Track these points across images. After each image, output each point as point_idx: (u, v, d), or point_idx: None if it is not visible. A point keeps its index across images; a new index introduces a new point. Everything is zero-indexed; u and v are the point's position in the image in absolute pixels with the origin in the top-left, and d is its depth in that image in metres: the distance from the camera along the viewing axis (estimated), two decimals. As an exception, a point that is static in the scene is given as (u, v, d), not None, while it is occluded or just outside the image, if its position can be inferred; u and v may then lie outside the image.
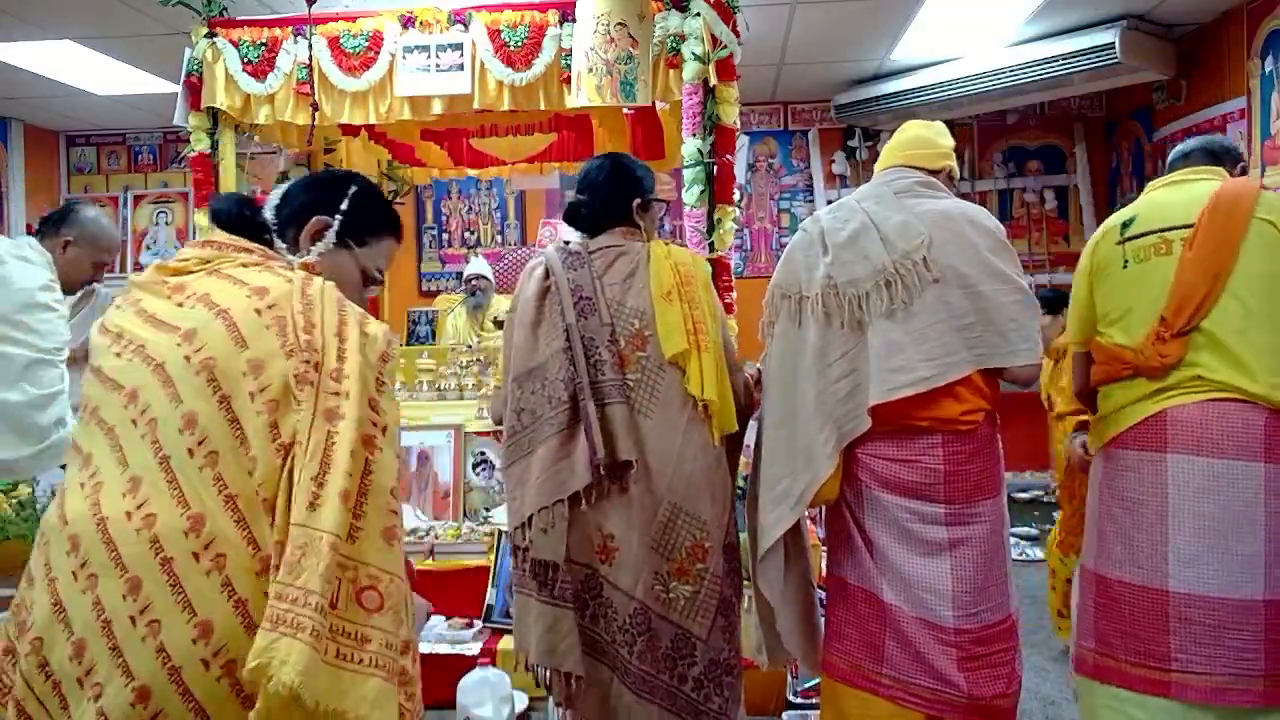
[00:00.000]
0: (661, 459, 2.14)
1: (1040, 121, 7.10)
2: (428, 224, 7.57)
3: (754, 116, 7.25)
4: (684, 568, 2.13)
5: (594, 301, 2.20)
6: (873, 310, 2.10)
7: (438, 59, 4.01)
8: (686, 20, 3.69)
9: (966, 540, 2.09)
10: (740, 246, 7.19)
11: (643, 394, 2.16)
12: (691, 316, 2.18)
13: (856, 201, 2.25)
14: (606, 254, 2.28)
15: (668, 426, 2.15)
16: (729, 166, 3.74)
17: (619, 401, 2.14)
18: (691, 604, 2.13)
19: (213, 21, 4.22)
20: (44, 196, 7.58)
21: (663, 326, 2.17)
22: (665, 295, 2.19)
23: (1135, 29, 5.40)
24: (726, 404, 2.21)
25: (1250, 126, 5.07)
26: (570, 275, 2.22)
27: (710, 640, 2.15)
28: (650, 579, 2.13)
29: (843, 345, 2.13)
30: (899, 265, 2.09)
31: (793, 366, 2.20)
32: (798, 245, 2.27)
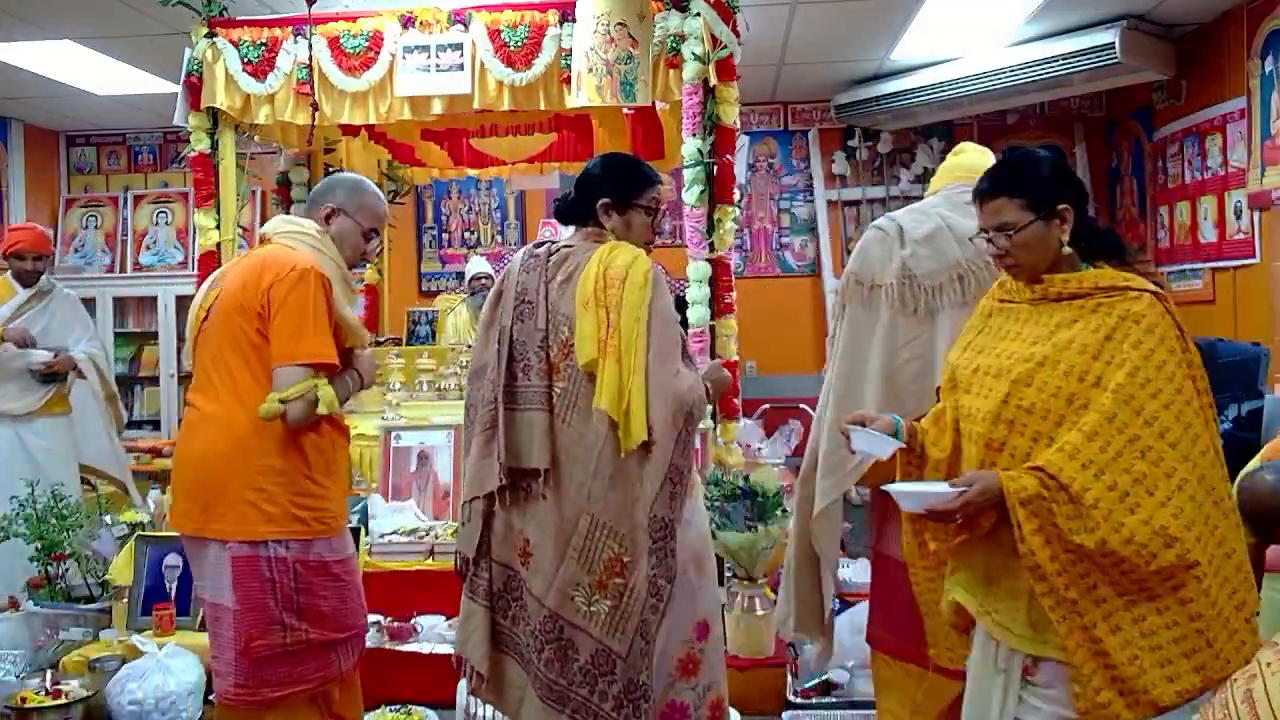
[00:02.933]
0: (581, 469, 2.10)
1: (1040, 121, 7.10)
2: (428, 224, 7.57)
3: (754, 116, 7.25)
4: (603, 581, 2.08)
5: (534, 305, 2.20)
6: (945, 301, 2.27)
7: (438, 59, 4.01)
8: (686, 20, 3.69)
9: None
10: (740, 246, 7.19)
11: (567, 402, 2.14)
12: (607, 321, 2.10)
13: (930, 207, 2.44)
14: (561, 254, 2.26)
15: (589, 436, 2.10)
16: (729, 166, 3.74)
17: (538, 409, 2.14)
18: (611, 619, 2.08)
19: (213, 21, 4.23)
20: (44, 196, 7.58)
21: (578, 335, 2.12)
22: (584, 303, 2.13)
23: (1135, 29, 5.40)
24: (632, 414, 2.06)
25: (1250, 126, 5.07)
26: (522, 278, 2.25)
27: (629, 659, 2.08)
28: (570, 589, 2.11)
29: (914, 330, 2.28)
30: (971, 263, 2.27)
31: (863, 347, 2.31)
32: (873, 240, 2.41)
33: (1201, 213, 5.62)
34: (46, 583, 3.68)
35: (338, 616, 2.36)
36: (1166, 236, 6.07)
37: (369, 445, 4.37)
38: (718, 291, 3.75)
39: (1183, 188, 5.84)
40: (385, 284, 5.92)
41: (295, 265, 2.31)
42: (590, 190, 2.30)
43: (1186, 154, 5.79)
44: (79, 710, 2.98)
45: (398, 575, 3.58)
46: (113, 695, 2.98)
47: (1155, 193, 6.23)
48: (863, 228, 7.35)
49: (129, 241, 7.53)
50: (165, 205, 7.61)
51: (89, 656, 3.23)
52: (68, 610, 3.57)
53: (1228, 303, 5.42)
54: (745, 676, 3.07)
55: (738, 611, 3.15)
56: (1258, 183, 5.00)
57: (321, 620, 2.32)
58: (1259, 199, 4.99)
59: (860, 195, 7.28)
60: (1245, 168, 5.12)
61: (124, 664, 3.11)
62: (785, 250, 7.38)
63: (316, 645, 2.32)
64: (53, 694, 2.97)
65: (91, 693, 3.02)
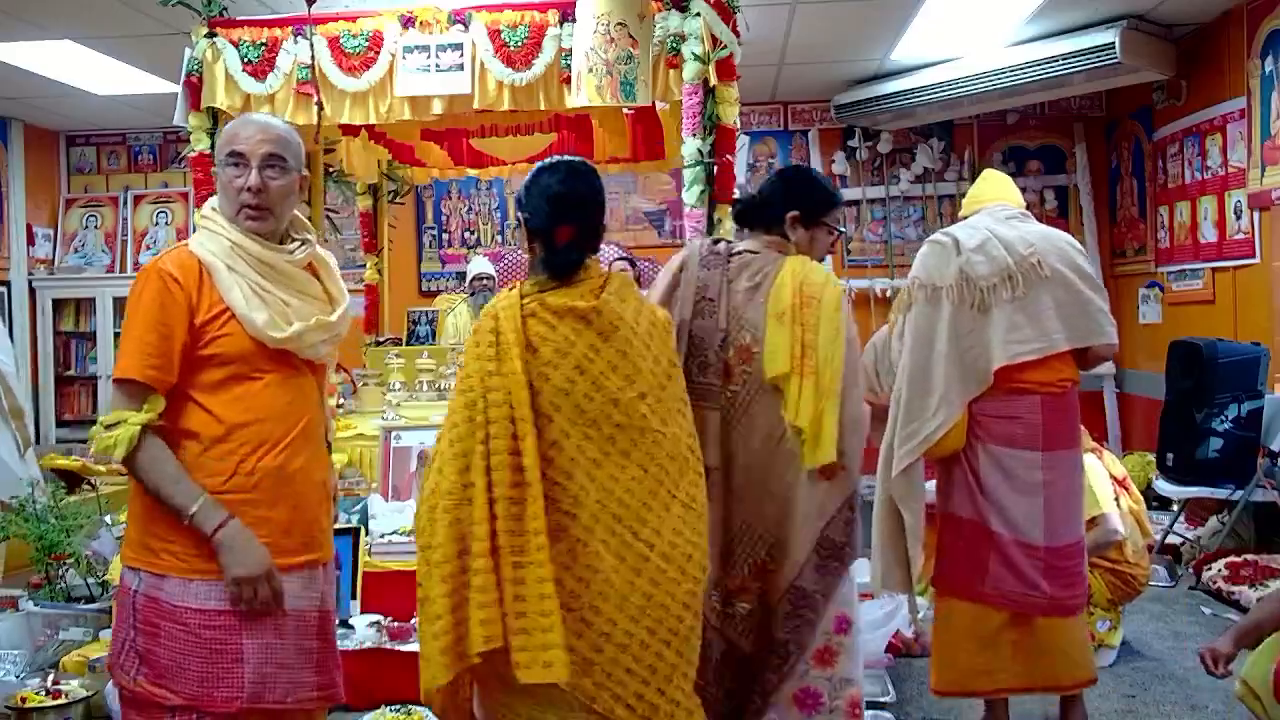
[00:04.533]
0: (742, 473, 2.13)
1: (1040, 121, 7.10)
2: (428, 224, 7.57)
3: (754, 116, 7.25)
4: (745, 585, 2.12)
5: (715, 304, 2.20)
6: (998, 298, 2.72)
7: (438, 59, 4.00)
8: (686, 20, 3.69)
9: (1054, 481, 2.71)
10: (740, 246, 7.19)
11: (739, 408, 2.16)
12: (802, 340, 2.12)
13: (977, 223, 2.89)
14: (743, 258, 2.27)
15: (754, 443, 2.13)
16: (729, 166, 3.73)
17: (713, 408, 2.16)
18: (746, 623, 2.12)
19: (213, 21, 4.22)
20: (44, 196, 7.58)
21: (769, 346, 2.14)
22: (779, 315, 2.15)
23: (1135, 29, 5.40)
24: (823, 433, 2.09)
25: (1250, 126, 5.07)
26: (701, 274, 2.24)
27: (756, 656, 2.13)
28: (711, 588, 2.10)
29: (972, 323, 2.73)
30: (1019, 265, 2.72)
31: (931, 337, 2.75)
32: (932, 251, 2.86)
33: (1201, 213, 5.62)
34: (46, 583, 3.68)
35: (180, 677, 1.90)
36: (1166, 236, 6.07)
37: (369, 445, 4.37)
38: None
39: (1183, 188, 5.84)
40: (385, 284, 5.92)
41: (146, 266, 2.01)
42: (782, 199, 2.30)
43: (1186, 154, 5.79)
44: (79, 710, 2.98)
45: (398, 575, 3.58)
46: (112, 695, 2.98)
47: (1155, 193, 6.23)
48: (862, 228, 7.39)
49: (129, 241, 7.54)
50: (165, 205, 7.61)
51: (89, 656, 3.23)
52: (68, 610, 3.57)
53: (1228, 303, 5.42)
54: (745, 676, 3.08)
55: (738, 611, 3.16)
56: (1258, 183, 5.00)
57: (159, 674, 1.91)
58: (1259, 199, 4.99)
59: (860, 195, 7.28)
60: (1245, 168, 5.12)
61: (124, 664, 3.10)
62: (785, 250, 7.38)
63: (148, 703, 1.92)
64: (53, 694, 2.97)
65: (91, 693, 3.02)
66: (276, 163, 2.03)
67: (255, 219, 2.01)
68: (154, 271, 1.96)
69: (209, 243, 2.01)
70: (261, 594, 1.91)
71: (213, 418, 1.96)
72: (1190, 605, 4.41)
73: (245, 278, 1.98)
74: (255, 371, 1.99)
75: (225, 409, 1.96)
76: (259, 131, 2.04)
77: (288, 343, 1.99)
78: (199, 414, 1.96)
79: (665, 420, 1.89)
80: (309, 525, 2.06)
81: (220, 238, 2.01)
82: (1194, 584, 4.60)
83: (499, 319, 1.86)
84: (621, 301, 1.91)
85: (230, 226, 2.02)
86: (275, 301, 2.00)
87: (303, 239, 2.12)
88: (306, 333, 2.01)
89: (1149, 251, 6.31)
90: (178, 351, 1.93)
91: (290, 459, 2.01)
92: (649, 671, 1.78)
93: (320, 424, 2.15)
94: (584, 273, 1.93)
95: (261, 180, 2.00)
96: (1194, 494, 4.76)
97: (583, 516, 1.80)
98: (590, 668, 1.77)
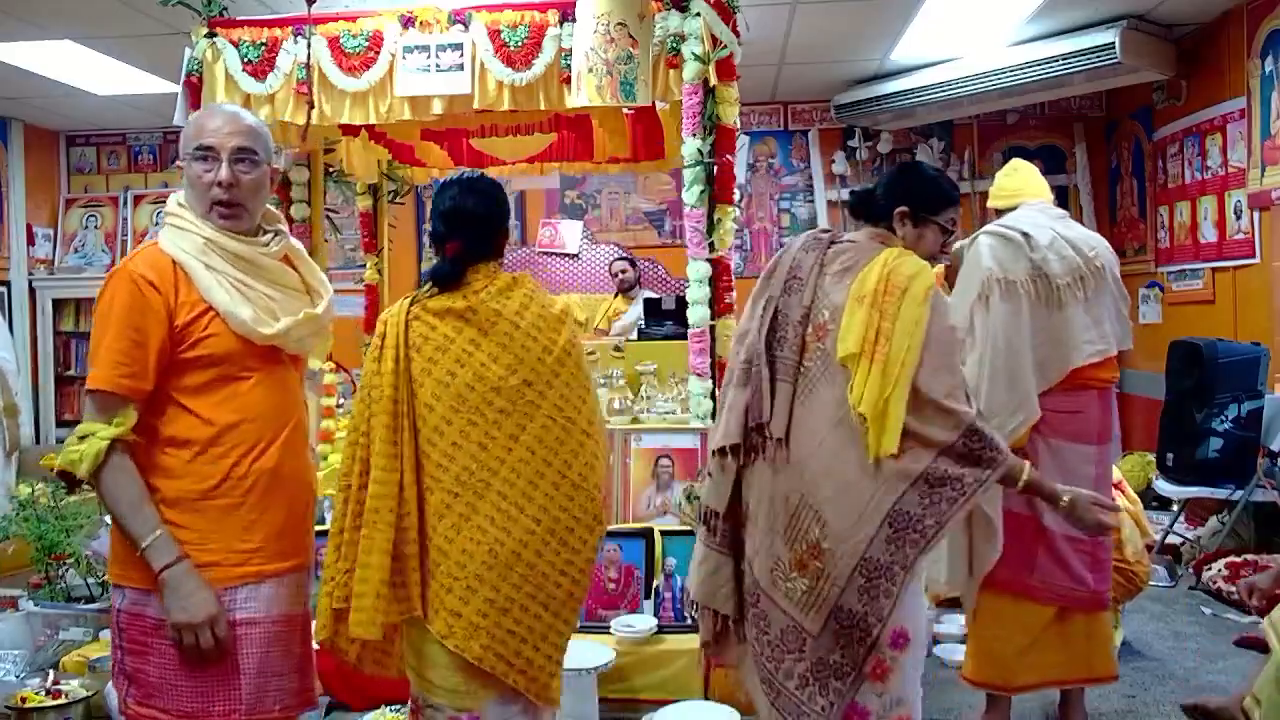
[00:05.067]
0: (803, 448, 2.12)
1: (1040, 121, 7.10)
2: (428, 224, 7.56)
3: (754, 116, 7.25)
4: (803, 561, 2.09)
5: (803, 283, 2.22)
6: (1072, 296, 2.87)
7: (438, 59, 4.00)
8: (686, 20, 3.69)
9: (1101, 475, 2.93)
10: (740, 246, 7.19)
11: (808, 382, 2.17)
12: (878, 326, 2.09)
13: (1040, 220, 3.00)
14: (843, 246, 2.27)
15: (819, 421, 2.12)
16: (729, 166, 3.73)
17: (786, 380, 2.18)
18: (806, 598, 2.09)
19: (213, 21, 4.22)
20: (44, 196, 7.58)
21: (844, 326, 2.12)
22: (860, 297, 2.13)
23: (1135, 29, 5.41)
24: (887, 424, 2.04)
25: (1250, 126, 5.07)
26: (799, 255, 2.29)
27: (820, 638, 2.08)
28: (771, 561, 2.13)
29: (1046, 320, 2.87)
30: (1087, 266, 2.91)
31: (1012, 334, 2.85)
32: (1001, 244, 2.95)
33: (1201, 213, 5.62)
34: (46, 583, 3.69)
35: (171, 694, 1.85)
36: (1166, 236, 6.07)
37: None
38: (718, 291, 3.75)
39: (1183, 188, 5.84)
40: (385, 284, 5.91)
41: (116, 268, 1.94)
42: (893, 194, 2.30)
43: (1186, 154, 5.79)
44: (79, 710, 2.98)
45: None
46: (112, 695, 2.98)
47: (1155, 193, 6.23)
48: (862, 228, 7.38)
49: (129, 241, 7.54)
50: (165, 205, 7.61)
51: (89, 656, 3.23)
52: (68, 610, 3.57)
53: (1228, 303, 5.42)
54: (745, 676, 3.08)
55: (738, 611, 3.16)
56: (1258, 183, 5.00)
57: (147, 694, 1.87)
58: (1259, 199, 4.99)
59: (860, 195, 7.28)
60: (1245, 168, 5.12)
61: (124, 664, 3.11)
62: (785, 250, 7.38)
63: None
64: (53, 694, 2.98)
65: (91, 693, 3.02)
66: (247, 156, 1.94)
67: (227, 216, 1.93)
68: (124, 275, 1.86)
69: (181, 240, 1.91)
70: (203, 641, 1.81)
71: (201, 421, 1.88)
72: (1190, 605, 4.41)
73: (225, 275, 1.90)
74: (243, 371, 1.91)
75: (214, 411, 1.89)
76: (228, 123, 1.95)
77: (276, 339, 1.92)
78: (186, 418, 1.88)
79: (559, 405, 2.08)
80: (300, 528, 2.02)
81: (192, 235, 1.91)
82: (1194, 584, 4.60)
83: (386, 324, 2.10)
84: (503, 299, 2.11)
85: (202, 223, 1.92)
86: (259, 297, 1.93)
87: (275, 230, 2.05)
88: (294, 327, 1.95)
89: (1149, 251, 6.31)
90: (154, 358, 1.84)
91: (284, 460, 1.95)
92: (528, 631, 2.01)
93: (303, 419, 2.08)
94: (471, 276, 2.12)
95: (233, 175, 1.92)
96: (1194, 494, 4.76)
97: (465, 494, 2.00)
98: (477, 631, 1.97)
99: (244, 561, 1.90)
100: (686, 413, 3.85)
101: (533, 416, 2.06)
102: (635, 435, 3.83)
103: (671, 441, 3.80)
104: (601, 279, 6.97)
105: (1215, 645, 3.91)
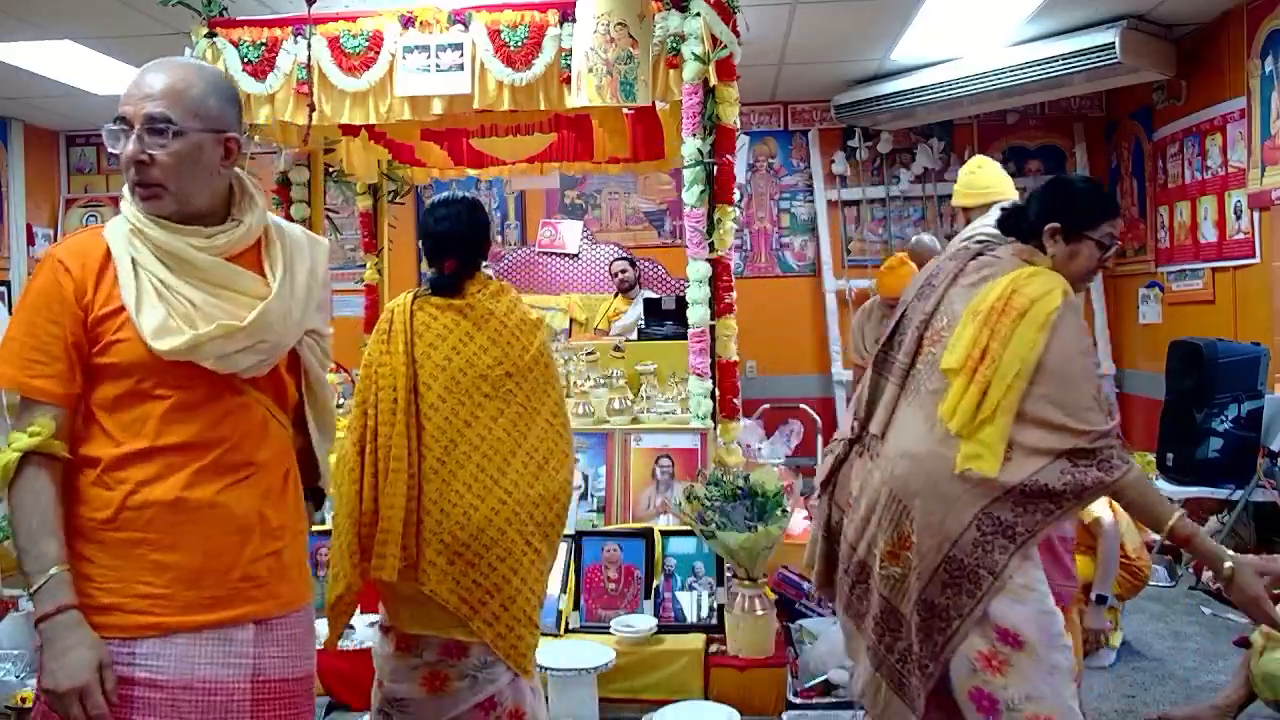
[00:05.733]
0: (896, 446, 2.17)
1: (1040, 121, 7.10)
2: (428, 224, 7.57)
3: (754, 116, 7.25)
4: (895, 551, 2.14)
5: (935, 289, 2.24)
6: None
7: (438, 59, 4.00)
8: (686, 20, 3.69)
9: None
10: (740, 246, 7.19)
11: (914, 385, 2.20)
12: (986, 345, 2.06)
13: None
14: (987, 260, 2.24)
15: (919, 422, 2.15)
16: (729, 166, 3.74)
17: (894, 381, 2.25)
18: (899, 585, 2.14)
19: (213, 21, 4.23)
20: (44, 196, 7.59)
21: (954, 338, 2.13)
22: (974, 311, 2.11)
23: (1135, 29, 5.41)
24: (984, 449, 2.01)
25: (1250, 126, 5.07)
26: (942, 261, 2.32)
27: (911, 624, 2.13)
28: (872, 546, 2.20)
29: None
30: None
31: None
32: None
33: (1201, 213, 5.62)
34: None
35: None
36: (1166, 236, 6.07)
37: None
38: (718, 291, 3.75)
39: (1183, 188, 5.84)
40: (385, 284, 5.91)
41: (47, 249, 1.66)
42: (1043, 209, 2.21)
43: (1186, 154, 5.79)
44: (79, 710, 2.98)
45: (398, 575, 3.59)
46: (113, 695, 2.99)
47: (1155, 193, 6.23)
48: (862, 227, 7.39)
49: (129, 241, 7.54)
50: (165, 205, 7.61)
51: (89, 656, 3.23)
52: (68, 610, 3.57)
53: (1228, 303, 5.42)
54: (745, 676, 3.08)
55: (738, 611, 3.15)
56: (1258, 183, 5.00)
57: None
58: (1259, 199, 4.99)
59: (860, 195, 7.28)
60: (1245, 168, 5.12)
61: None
62: (785, 250, 7.38)
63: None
64: (53, 694, 2.97)
65: (91, 693, 3.02)
66: (162, 124, 1.55)
67: (146, 199, 1.58)
68: (49, 256, 1.60)
69: (119, 224, 1.62)
70: (73, 714, 1.47)
71: (110, 440, 1.57)
72: (1190, 605, 4.41)
73: (147, 269, 1.57)
74: (157, 389, 1.57)
75: (122, 431, 1.57)
76: (142, 86, 1.58)
77: (178, 354, 1.54)
78: (99, 435, 1.58)
79: (530, 397, 2.37)
80: (229, 574, 1.60)
81: (125, 218, 1.61)
82: (1194, 584, 4.60)
83: (393, 313, 2.37)
84: (494, 301, 2.40)
85: (134, 206, 1.60)
86: (178, 301, 1.56)
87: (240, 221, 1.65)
88: (206, 342, 1.55)
89: (1149, 251, 6.31)
90: (71, 355, 1.55)
91: (192, 490, 1.58)
92: (494, 589, 2.24)
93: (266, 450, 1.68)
94: (467, 284, 2.41)
95: (140, 149, 1.55)
96: (1194, 494, 4.76)
97: (449, 462, 2.26)
98: (445, 578, 2.23)
99: (145, 609, 1.55)
100: (686, 413, 3.85)
101: (509, 403, 2.34)
102: (635, 435, 3.83)
103: (671, 441, 3.80)
104: (601, 279, 6.97)
105: (1215, 645, 3.91)
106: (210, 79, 1.64)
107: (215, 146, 1.61)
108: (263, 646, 1.63)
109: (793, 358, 7.28)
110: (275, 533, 1.67)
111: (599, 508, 3.73)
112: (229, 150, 1.64)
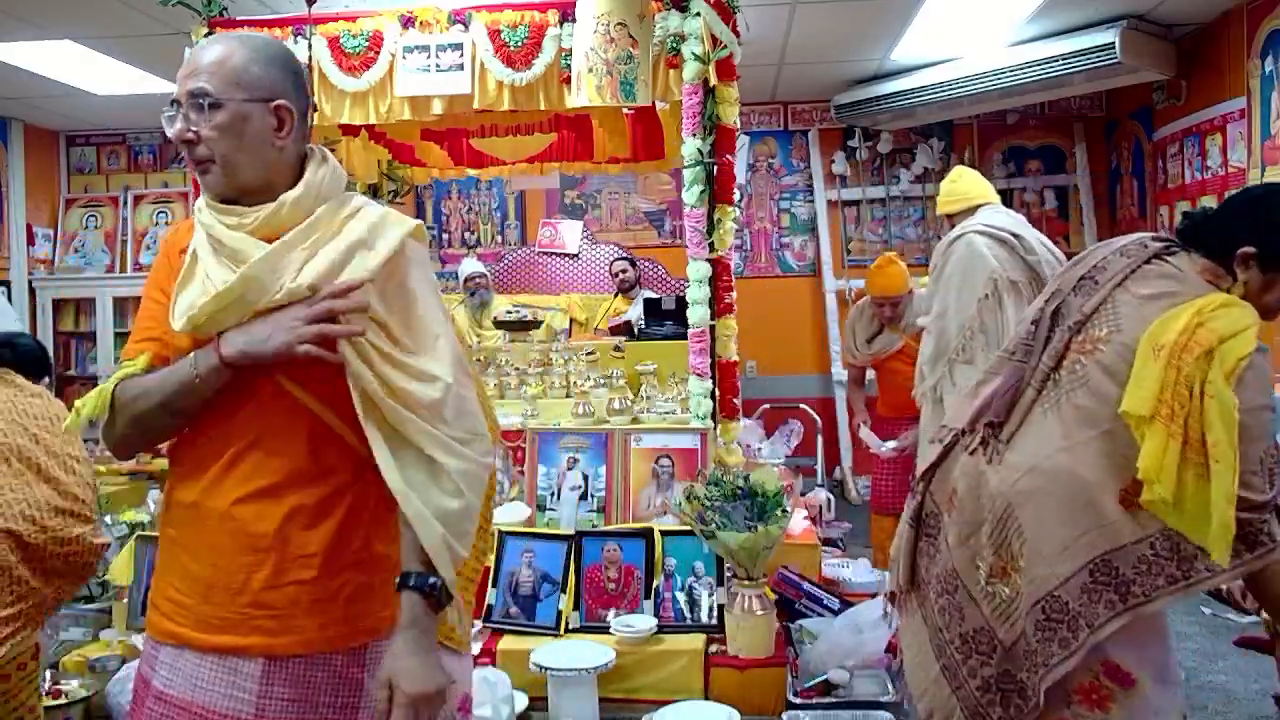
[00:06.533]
0: (1022, 455, 1.93)
1: (1040, 121, 7.11)
2: (428, 224, 7.57)
3: (754, 116, 7.26)
4: (1005, 569, 1.92)
5: (1099, 286, 1.95)
6: None
7: (438, 59, 4.00)
8: (686, 20, 3.69)
9: None
10: (740, 246, 7.20)
11: (1056, 393, 1.93)
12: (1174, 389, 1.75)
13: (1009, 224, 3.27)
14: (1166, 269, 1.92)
15: (1053, 435, 1.89)
16: (729, 166, 3.74)
17: (1032, 384, 1.97)
18: (1005, 606, 1.92)
19: (213, 21, 4.23)
20: (44, 196, 7.59)
21: (1134, 378, 1.81)
22: (1155, 348, 1.79)
23: (1135, 29, 5.41)
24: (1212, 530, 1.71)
25: (1250, 126, 5.07)
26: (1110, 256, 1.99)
27: (1012, 651, 1.91)
28: (976, 558, 1.97)
29: None
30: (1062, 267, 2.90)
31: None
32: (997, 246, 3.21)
33: (1201, 213, 5.62)
34: (46, 583, 3.68)
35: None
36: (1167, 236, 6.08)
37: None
38: (718, 291, 3.75)
39: (1183, 188, 5.84)
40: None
41: None
42: (1239, 227, 1.87)
43: (1186, 154, 5.79)
44: (79, 710, 2.98)
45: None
46: (113, 695, 2.98)
47: (1155, 193, 6.23)
48: (862, 227, 7.40)
49: (129, 241, 7.54)
50: (165, 205, 7.61)
51: (89, 656, 3.23)
52: (68, 610, 3.57)
53: (1228, 303, 5.42)
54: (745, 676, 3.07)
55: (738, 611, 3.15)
56: (1258, 183, 5.00)
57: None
58: (1259, 199, 5.00)
59: (860, 195, 7.28)
60: (1245, 168, 5.12)
61: (124, 664, 3.10)
62: (785, 250, 7.38)
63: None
64: (53, 694, 2.97)
65: (91, 693, 3.01)
66: (201, 99, 1.47)
67: (202, 174, 1.52)
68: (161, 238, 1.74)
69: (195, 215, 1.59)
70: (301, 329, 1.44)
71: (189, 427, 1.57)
72: (1190, 605, 4.41)
73: (199, 253, 1.51)
74: None
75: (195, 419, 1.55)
76: (189, 65, 1.52)
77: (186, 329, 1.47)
78: None
79: None
80: (238, 596, 1.46)
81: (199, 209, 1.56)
82: (1194, 584, 4.60)
83: None
84: None
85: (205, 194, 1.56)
86: (209, 284, 1.47)
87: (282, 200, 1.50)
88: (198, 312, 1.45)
89: (1149, 251, 6.31)
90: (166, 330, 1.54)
91: (206, 495, 1.49)
92: None
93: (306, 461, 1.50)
94: None
95: (185, 127, 1.49)
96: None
97: None
98: None
99: (170, 614, 1.50)
100: (686, 413, 3.85)
101: None
102: (635, 435, 3.82)
103: (671, 441, 3.79)
104: (601, 279, 6.97)
105: (1215, 645, 3.91)
106: (254, 46, 1.53)
107: (264, 116, 1.50)
108: (270, 686, 1.46)
109: (793, 358, 7.28)
110: (305, 560, 1.47)
111: (599, 508, 3.73)
112: (281, 119, 1.51)
